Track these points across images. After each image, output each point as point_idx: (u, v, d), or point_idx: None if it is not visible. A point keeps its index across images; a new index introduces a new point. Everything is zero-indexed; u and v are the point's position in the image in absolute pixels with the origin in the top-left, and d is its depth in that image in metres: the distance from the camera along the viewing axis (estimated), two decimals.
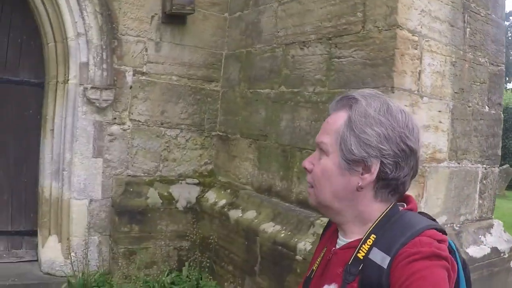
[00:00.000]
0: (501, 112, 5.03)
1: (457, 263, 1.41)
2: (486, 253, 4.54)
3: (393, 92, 3.70)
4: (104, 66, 5.53)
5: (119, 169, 5.65)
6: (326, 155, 1.47)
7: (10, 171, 5.70)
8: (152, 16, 5.71)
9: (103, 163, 5.55)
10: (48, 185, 5.56)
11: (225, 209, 5.34)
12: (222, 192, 5.70)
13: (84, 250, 5.17)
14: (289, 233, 4.33)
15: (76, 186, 5.42)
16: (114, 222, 5.40)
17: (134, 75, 5.53)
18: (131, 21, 5.54)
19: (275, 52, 5.15)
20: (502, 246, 4.83)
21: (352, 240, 1.49)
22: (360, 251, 1.38)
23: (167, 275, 5.23)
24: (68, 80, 5.35)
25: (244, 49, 5.70)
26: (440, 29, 4.11)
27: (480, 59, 4.61)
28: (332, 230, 1.67)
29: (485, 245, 4.62)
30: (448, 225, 4.35)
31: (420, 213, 1.52)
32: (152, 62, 5.74)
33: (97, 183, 5.53)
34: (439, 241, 1.35)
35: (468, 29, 4.39)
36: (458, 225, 4.53)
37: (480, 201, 4.84)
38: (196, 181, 6.01)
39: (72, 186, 5.39)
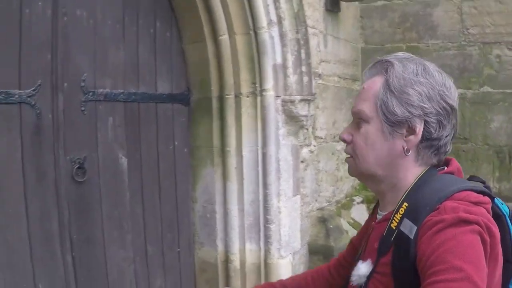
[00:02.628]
0: None
1: (509, 227, 1.18)
2: None
3: None
4: (303, 69, 3.22)
5: (311, 204, 3.59)
6: (367, 123, 1.25)
7: (160, 243, 3.14)
8: (319, 1, 3.66)
9: (300, 201, 3.43)
10: (237, 249, 3.22)
11: None
12: None
13: None
14: None
15: (283, 241, 3.21)
16: None
17: (313, 78, 3.44)
18: (307, 6, 3.41)
19: (466, 50, 4.15)
20: None
21: (387, 212, 1.25)
22: (392, 221, 1.17)
23: None
24: (262, 90, 3.08)
25: (404, 44, 4.30)
26: None
27: None
28: (376, 207, 1.42)
29: None
30: None
31: (472, 176, 1.29)
32: (323, 61, 3.68)
33: (297, 229, 3.40)
34: (475, 203, 1.10)
35: None
36: None
37: None
38: (360, 198, 4.28)
39: (280, 242, 3.20)
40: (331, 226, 3.60)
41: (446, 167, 1.26)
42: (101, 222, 2.76)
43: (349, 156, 1.30)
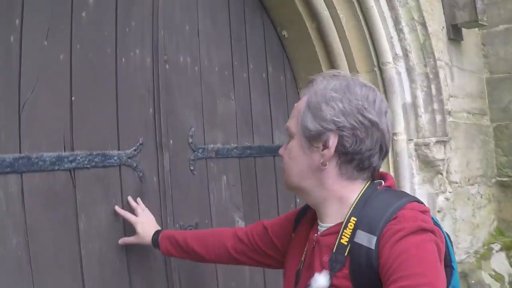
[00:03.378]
0: None
1: (444, 235, 1.15)
2: None
3: None
4: (435, 106, 2.62)
5: None
6: (292, 138, 1.26)
7: None
8: (441, 30, 3.06)
9: None
10: None
11: None
12: None
13: None
14: None
15: None
16: None
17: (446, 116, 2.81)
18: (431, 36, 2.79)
19: None
20: None
21: (333, 225, 1.20)
22: (343, 236, 1.12)
23: None
24: (393, 134, 2.48)
25: None
26: None
27: None
28: (309, 216, 1.37)
29: None
30: None
31: (399, 191, 1.25)
32: (452, 96, 3.06)
33: None
34: (423, 212, 1.11)
35: None
36: None
37: None
38: (498, 246, 3.50)
39: None
40: (473, 282, 2.87)
41: (383, 182, 1.24)
42: None
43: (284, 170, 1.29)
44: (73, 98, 1.76)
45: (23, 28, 1.63)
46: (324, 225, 1.23)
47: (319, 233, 1.23)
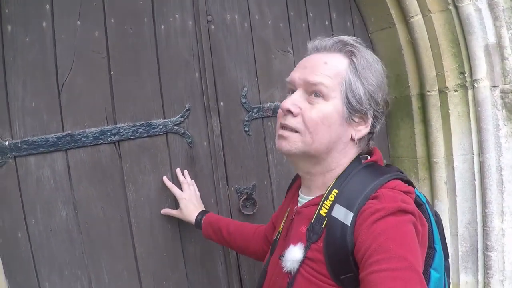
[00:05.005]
0: None
1: (429, 215, 1.14)
2: None
3: None
4: None
5: None
6: (325, 100, 1.12)
7: None
8: None
9: None
10: (450, 281, 2.59)
11: None
12: None
13: None
14: None
15: (508, 271, 2.32)
16: None
17: None
18: None
19: None
20: None
21: (315, 196, 1.19)
22: (322, 207, 1.11)
23: None
24: (474, 81, 2.17)
25: None
26: None
27: None
28: (294, 188, 1.35)
29: None
30: None
31: (387, 165, 1.23)
32: None
33: None
34: (405, 192, 1.09)
35: None
36: None
37: None
38: None
39: (503, 273, 2.32)
40: None
41: (369, 156, 1.22)
42: None
43: (291, 130, 1.14)
44: (112, 73, 1.81)
45: (54, 13, 1.68)
46: (306, 197, 1.22)
47: (299, 205, 1.23)
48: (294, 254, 1.10)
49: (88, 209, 1.77)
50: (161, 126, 1.92)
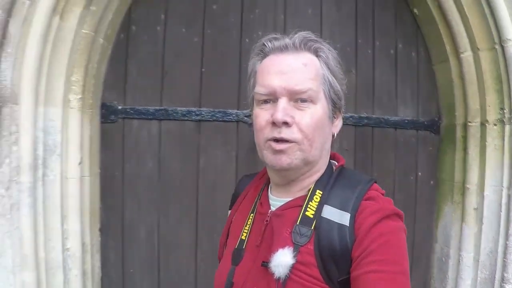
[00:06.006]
0: None
1: None
2: None
3: None
4: None
5: None
6: (313, 103, 1.09)
7: None
8: None
9: None
10: None
11: None
12: None
13: None
14: None
15: None
16: None
17: None
18: None
19: None
20: None
21: (293, 198, 1.13)
22: (308, 209, 1.07)
23: None
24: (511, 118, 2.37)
25: None
26: None
27: None
28: (251, 193, 1.29)
29: None
30: None
31: (356, 171, 1.33)
32: None
33: None
34: (383, 195, 1.11)
35: None
36: None
37: None
38: None
39: None
40: None
41: (335, 161, 1.21)
42: None
43: (290, 142, 1.08)
44: (203, 70, 2.45)
45: (166, 20, 2.36)
46: (281, 199, 1.17)
47: (273, 208, 1.17)
48: (284, 259, 1.04)
49: (168, 165, 2.41)
50: (234, 115, 2.50)
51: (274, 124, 1.07)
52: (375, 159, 2.74)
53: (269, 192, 1.22)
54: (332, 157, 1.22)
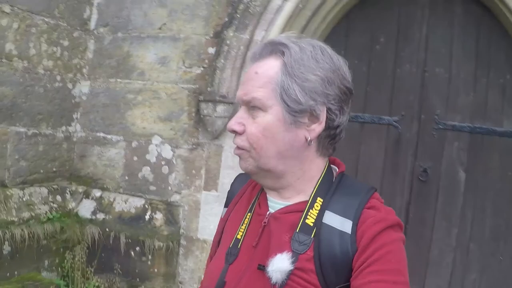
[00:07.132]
0: None
1: None
2: None
3: None
4: None
5: None
6: (263, 111, 1.07)
7: (484, 246, 3.78)
8: None
9: None
10: None
11: None
12: None
13: None
14: None
15: None
16: None
17: None
18: None
19: None
20: None
21: (293, 203, 1.12)
22: (308, 217, 1.05)
23: None
24: None
25: None
26: None
27: None
28: (248, 192, 1.26)
29: None
30: None
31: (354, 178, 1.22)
32: None
33: None
34: (382, 203, 1.10)
35: None
36: None
37: None
38: None
39: None
40: None
41: (335, 166, 1.21)
42: (433, 212, 3.80)
43: (241, 149, 1.12)
44: (367, 88, 3.68)
45: (346, 54, 3.62)
46: (280, 202, 1.15)
47: (272, 210, 1.14)
48: (282, 265, 1.02)
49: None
50: (385, 120, 3.70)
51: None
52: (483, 158, 3.77)
53: (268, 194, 1.19)
54: (332, 162, 1.21)
